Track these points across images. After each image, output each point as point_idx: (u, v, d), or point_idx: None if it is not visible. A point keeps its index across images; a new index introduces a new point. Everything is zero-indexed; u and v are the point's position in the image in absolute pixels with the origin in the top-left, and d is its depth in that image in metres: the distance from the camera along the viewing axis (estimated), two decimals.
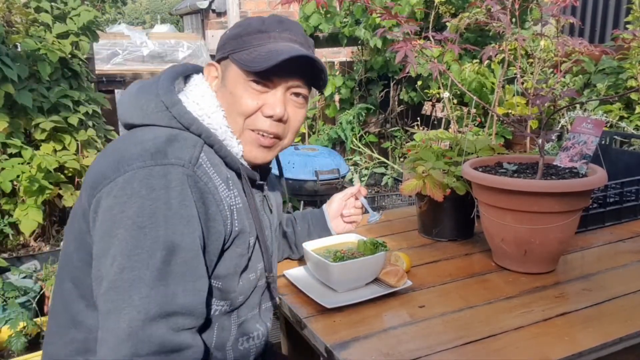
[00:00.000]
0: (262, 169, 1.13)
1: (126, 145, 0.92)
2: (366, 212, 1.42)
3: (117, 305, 0.82)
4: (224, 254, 0.97)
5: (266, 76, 1.00)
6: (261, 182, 1.10)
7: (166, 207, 0.85)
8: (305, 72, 1.04)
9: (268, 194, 1.15)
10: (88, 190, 0.92)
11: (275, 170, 1.23)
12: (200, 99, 1.01)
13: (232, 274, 0.99)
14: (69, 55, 3.01)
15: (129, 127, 1.00)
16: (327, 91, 4.45)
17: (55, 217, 3.01)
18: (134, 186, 0.85)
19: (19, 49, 2.79)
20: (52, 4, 2.98)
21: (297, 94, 1.05)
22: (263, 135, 1.03)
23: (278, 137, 1.05)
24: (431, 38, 1.44)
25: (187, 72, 1.08)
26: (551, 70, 2.93)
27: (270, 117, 1.01)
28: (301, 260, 1.39)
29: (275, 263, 1.20)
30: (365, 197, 1.42)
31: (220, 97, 1.03)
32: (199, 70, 1.10)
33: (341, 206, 1.40)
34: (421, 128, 3.95)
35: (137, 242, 0.83)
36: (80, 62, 3.16)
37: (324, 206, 1.41)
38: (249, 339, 1.08)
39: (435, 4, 3.45)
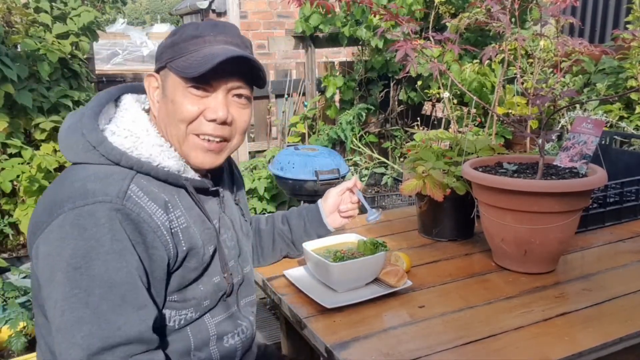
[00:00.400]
0: (215, 172, 1.14)
1: (59, 188, 0.94)
2: (363, 208, 1.41)
3: (64, 347, 0.86)
4: (176, 272, 0.99)
5: (205, 81, 1.00)
6: (215, 189, 1.11)
7: (98, 244, 0.87)
8: (244, 72, 1.04)
9: (226, 194, 1.16)
10: (29, 236, 0.95)
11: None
12: (132, 125, 1.01)
13: (185, 286, 1.01)
14: (69, 56, 3.01)
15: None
16: (329, 92, 4.44)
17: None
18: (67, 229, 0.88)
19: (19, 49, 2.79)
20: (52, 4, 2.98)
21: (239, 95, 1.05)
22: (209, 140, 1.03)
23: (225, 140, 1.06)
24: (431, 38, 1.44)
25: (115, 96, 1.08)
26: (551, 70, 2.93)
27: (213, 120, 1.02)
28: (301, 260, 1.39)
29: (247, 259, 1.20)
30: (363, 196, 1.41)
31: (161, 107, 1.04)
32: (131, 89, 1.11)
33: (338, 201, 1.38)
34: (421, 128, 3.95)
35: (74, 283, 0.86)
36: (80, 62, 3.16)
37: (319, 202, 1.39)
38: (233, 336, 1.10)
39: (435, 4, 3.45)
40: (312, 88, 4.65)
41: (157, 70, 1.05)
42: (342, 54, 6.94)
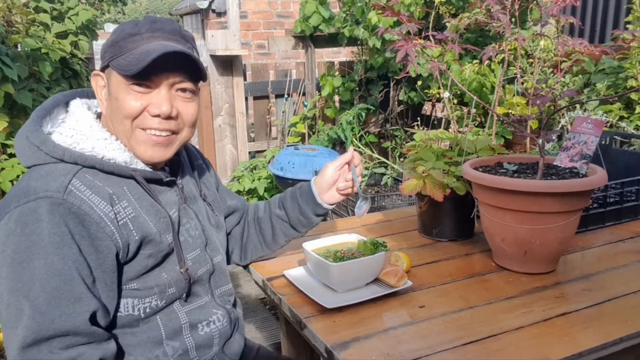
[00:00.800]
0: (172, 163, 1.16)
1: (10, 190, 0.99)
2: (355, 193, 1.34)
3: (8, 338, 0.90)
4: (133, 260, 1.02)
5: (145, 77, 1.02)
6: (172, 179, 1.12)
7: (39, 239, 0.91)
8: (185, 67, 1.05)
9: (186, 185, 1.18)
10: None
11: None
12: (76, 124, 1.04)
13: (145, 274, 1.03)
14: (69, 55, 3.01)
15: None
16: (325, 91, 4.44)
17: None
18: (10, 226, 0.92)
19: (19, 49, 2.78)
20: (51, 5, 2.97)
21: (182, 89, 1.07)
22: (156, 135, 1.06)
23: (174, 132, 1.08)
24: (431, 38, 1.44)
25: (61, 102, 1.11)
26: (551, 70, 2.93)
27: (158, 115, 1.04)
28: (301, 260, 1.39)
29: (217, 249, 1.21)
30: (358, 176, 1.30)
31: (108, 105, 1.07)
32: (80, 94, 1.14)
33: (335, 177, 1.30)
34: (421, 128, 3.95)
35: (17, 277, 0.90)
36: (80, 62, 3.15)
37: (313, 181, 1.34)
38: (208, 324, 1.12)
39: (435, 5, 3.45)
40: (312, 88, 4.65)
41: (102, 69, 1.08)
42: (342, 54, 6.94)
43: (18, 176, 2.55)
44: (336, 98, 4.61)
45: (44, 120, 1.06)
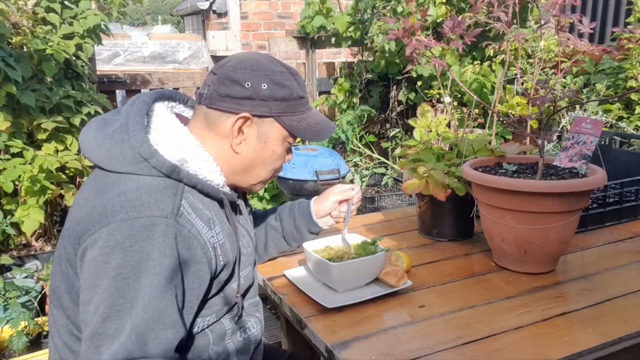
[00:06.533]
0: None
1: (108, 196, 0.93)
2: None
3: (100, 350, 0.86)
4: (210, 285, 1.02)
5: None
6: (237, 202, 1.15)
7: (148, 257, 0.89)
8: None
9: (240, 203, 1.19)
10: (71, 238, 0.95)
11: None
12: (176, 138, 1.01)
13: (213, 295, 1.04)
14: (74, 58, 3.01)
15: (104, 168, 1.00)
16: (340, 98, 4.46)
17: (57, 217, 3.01)
18: (118, 238, 0.89)
19: (24, 50, 2.79)
20: (65, 2, 2.98)
21: None
22: None
23: None
24: (445, 27, 1.43)
25: (149, 105, 1.06)
26: (552, 71, 2.93)
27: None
28: (301, 260, 1.39)
29: (256, 268, 1.24)
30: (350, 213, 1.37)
31: (253, 149, 1.07)
32: (159, 96, 1.10)
33: (333, 207, 1.37)
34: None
35: (120, 292, 0.87)
36: (83, 64, 3.16)
37: (312, 203, 1.38)
38: (245, 330, 1.13)
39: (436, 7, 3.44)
40: (312, 89, 4.65)
41: (254, 114, 1.04)
42: (343, 55, 6.94)
43: (19, 176, 2.55)
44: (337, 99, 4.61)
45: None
